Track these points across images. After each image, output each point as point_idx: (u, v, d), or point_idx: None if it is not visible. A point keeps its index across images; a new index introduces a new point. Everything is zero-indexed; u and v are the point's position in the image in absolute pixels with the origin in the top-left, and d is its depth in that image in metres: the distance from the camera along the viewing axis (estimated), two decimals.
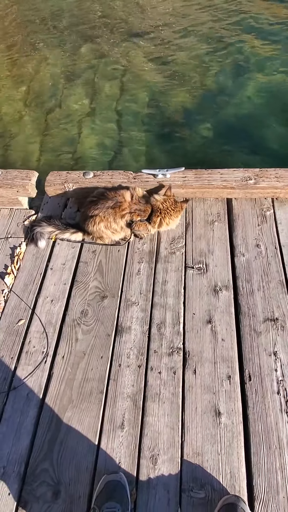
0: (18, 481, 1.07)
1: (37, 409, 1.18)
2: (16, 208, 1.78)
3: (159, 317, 1.35)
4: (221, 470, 1.04)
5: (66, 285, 1.47)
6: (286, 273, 1.41)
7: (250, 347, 1.25)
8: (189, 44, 3.39)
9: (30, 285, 1.49)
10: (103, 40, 3.60)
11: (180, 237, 1.57)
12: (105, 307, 1.40)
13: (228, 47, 3.27)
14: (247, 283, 1.40)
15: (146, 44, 3.47)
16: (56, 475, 1.07)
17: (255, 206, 1.63)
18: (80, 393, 1.20)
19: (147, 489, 1.03)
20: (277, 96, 2.81)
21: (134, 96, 3.01)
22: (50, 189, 1.70)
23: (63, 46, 3.61)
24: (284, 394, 1.15)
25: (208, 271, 1.45)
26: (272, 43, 3.22)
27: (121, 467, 1.06)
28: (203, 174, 1.61)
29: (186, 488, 1.02)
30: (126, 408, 1.16)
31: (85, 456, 1.09)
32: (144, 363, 1.24)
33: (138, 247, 1.57)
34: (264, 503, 0.99)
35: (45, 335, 1.34)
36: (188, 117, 2.78)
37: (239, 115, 2.73)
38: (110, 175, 1.66)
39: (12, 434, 1.14)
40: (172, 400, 1.16)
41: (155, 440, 1.10)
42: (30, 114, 3.00)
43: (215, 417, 1.12)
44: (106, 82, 3.17)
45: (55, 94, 3.13)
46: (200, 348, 1.26)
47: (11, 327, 1.37)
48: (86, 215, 1.49)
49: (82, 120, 2.90)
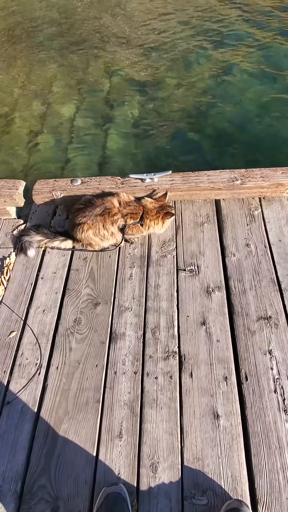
0: (15, 499, 1.03)
1: (32, 423, 1.15)
2: (4, 218, 1.76)
3: (153, 321, 1.34)
4: (222, 474, 1.03)
5: (57, 294, 1.45)
6: (277, 271, 1.42)
7: (245, 346, 1.24)
8: (177, 48, 3.45)
9: (21, 296, 1.46)
10: (90, 47, 3.63)
11: (171, 240, 1.57)
12: (98, 314, 1.38)
13: (217, 51, 3.33)
14: (239, 283, 1.40)
15: (133, 50, 3.52)
16: (54, 491, 1.03)
17: (243, 206, 1.65)
18: (76, 404, 1.17)
19: (148, 499, 1.00)
20: (263, 97, 2.87)
21: (121, 102, 3.03)
22: (37, 197, 1.69)
23: (49, 54, 3.63)
24: (281, 392, 1.14)
25: (200, 272, 1.45)
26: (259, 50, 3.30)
27: (120, 478, 1.04)
28: (190, 177, 1.62)
29: (188, 495, 1.00)
30: (123, 416, 1.14)
31: (83, 469, 1.06)
32: (140, 369, 1.23)
33: (129, 252, 1.56)
34: (267, 505, 0.98)
35: (38, 346, 1.31)
36: (175, 121, 2.81)
37: (225, 118, 2.77)
38: (98, 181, 1.66)
39: (7, 451, 1.11)
40: (170, 405, 1.15)
41: (154, 448, 1.08)
42: (14, 123, 2.99)
43: (213, 420, 1.11)
44: (92, 88, 3.19)
45: (41, 102, 3.13)
46: (195, 351, 1.25)
47: (3, 340, 1.34)
48: (74, 223, 1.48)
49: (68, 128, 2.90)
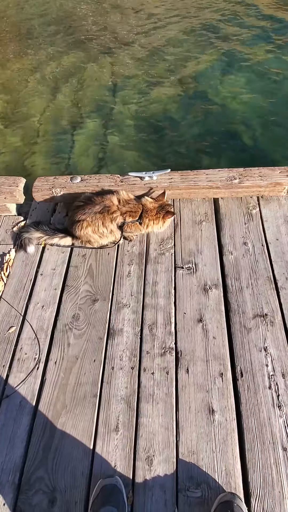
0: (13, 490, 1.05)
1: (31, 417, 1.17)
2: (4, 215, 1.78)
3: (151, 318, 1.35)
4: (216, 468, 1.05)
5: (56, 290, 1.47)
6: (274, 269, 1.44)
7: (241, 343, 1.26)
8: (174, 48, 3.44)
9: (21, 292, 1.48)
10: (91, 47, 3.63)
11: (169, 238, 1.59)
12: (97, 310, 1.40)
13: (213, 50, 3.33)
14: (236, 281, 1.42)
15: (133, 50, 3.52)
16: (51, 482, 1.05)
17: (241, 205, 1.66)
18: (74, 398, 1.19)
19: (143, 491, 1.02)
20: (261, 98, 2.87)
21: (122, 101, 3.04)
22: (37, 194, 1.70)
23: (49, 52, 3.63)
24: (275, 388, 1.16)
25: (198, 270, 1.47)
26: (261, 45, 3.29)
27: (117, 470, 1.06)
28: (189, 175, 1.63)
29: (183, 488, 1.02)
30: (120, 410, 1.16)
31: (80, 461, 1.08)
32: (137, 365, 1.25)
33: (127, 249, 1.57)
34: (260, 498, 1.00)
35: (36, 341, 1.33)
36: (174, 120, 2.81)
37: (224, 117, 2.78)
38: (97, 179, 1.67)
39: (5, 443, 1.13)
40: (166, 400, 1.16)
41: (150, 441, 1.10)
42: (16, 121, 3.00)
43: (209, 415, 1.13)
44: (94, 88, 3.19)
45: (42, 100, 3.13)
46: (192, 347, 1.27)
47: (2, 335, 1.36)
48: (73, 220, 1.49)
49: (68, 126, 2.91)
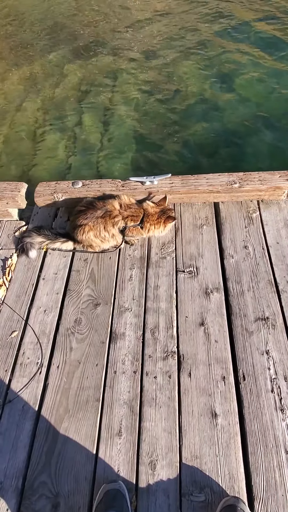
0: (16, 496, 1.05)
1: (33, 421, 1.17)
2: (6, 220, 1.79)
3: (153, 322, 1.36)
4: (219, 472, 1.05)
5: (58, 295, 1.48)
6: (274, 272, 1.45)
7: (243, 347, 1.27)
8: (175, 54, 3.48)
9: (23, 296, 1.49)
10: (89, 51, 3.67)
11: (170, 242, 1.60)
12: (99, 314, 1.40)
13: (214, 56, 3.37)
14: (237, 284, 1.43)
15: (134, 56, 3.56)
16: (54, 487, 1.05)
17: (242, 209, 1.67)
18: (77, 402, 1.20)
19: (147, 495, 1.02)
20: (261, 103, 2.90)
21: (123, 105, 3.06)
22: (39, 199, 1.72)
23: (49, 58, 3.67)
24: (278, 392, 1.16)
25: (199, 274, 1.48)
26: (262, 51, 3.33)
27: (120, 475, 1.06)
28: (189, 180, 1.65)
29: (186, 492, 1.02)
30: (123, 414, 1.16)
31: (83, 466, 1.08)
32: (139, 369, 1.25)
33: (129, 253, 1.58)
34: (264, 502, 1.00)
35: (39, 346, 1.34)
36: (174, 125, 2.84)
37: (223, 123, 2.80)
38: (99, 184, 1.68)
39: (8, 448, 1.13)
40: (169, 404, 1.17)
41: (153, 446, 1.10)
42: (17, 126, 3.02)
43: (211, 419, 1.13)
44: (94, 91, 3.23)
45: (43, 105, 3.16)
46: (194, 351, 1.27)
47: (4, 340, 1.36)
48: (75, 225, 1.50)
49: (70, 131, 2.93)
